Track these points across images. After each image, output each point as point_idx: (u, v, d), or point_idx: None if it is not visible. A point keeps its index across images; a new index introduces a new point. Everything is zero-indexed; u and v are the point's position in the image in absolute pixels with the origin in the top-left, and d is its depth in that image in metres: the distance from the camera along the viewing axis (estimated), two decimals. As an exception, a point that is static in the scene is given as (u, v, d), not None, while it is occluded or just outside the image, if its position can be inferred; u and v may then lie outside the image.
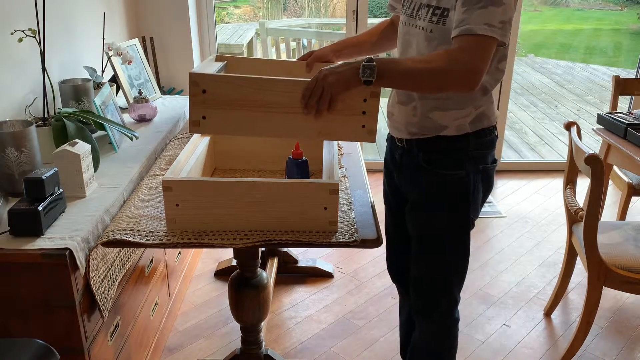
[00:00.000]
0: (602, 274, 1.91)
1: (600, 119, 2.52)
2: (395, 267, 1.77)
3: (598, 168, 1.78)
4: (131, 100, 2.33)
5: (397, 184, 1.59)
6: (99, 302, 1.46)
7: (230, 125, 1.33)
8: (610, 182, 2.93)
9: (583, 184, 2.28)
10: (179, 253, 2.34)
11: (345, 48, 1.74)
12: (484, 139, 1.44)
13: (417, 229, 1.54)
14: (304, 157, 1.57)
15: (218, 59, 2.37)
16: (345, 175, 1.78)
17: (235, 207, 1.41)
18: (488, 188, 1.51)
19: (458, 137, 1.42)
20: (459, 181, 1.44)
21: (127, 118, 2.29)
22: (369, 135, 1.36)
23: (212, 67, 1.75)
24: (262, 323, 1.85)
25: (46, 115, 1.85)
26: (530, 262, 2.76)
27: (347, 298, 2.47)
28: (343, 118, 1.35)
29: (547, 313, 2.36)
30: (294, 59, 1.76)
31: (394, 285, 1.85)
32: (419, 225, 1.52)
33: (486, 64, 1.26)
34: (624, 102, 3.94)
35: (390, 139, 1.60)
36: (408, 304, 1.80)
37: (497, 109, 3.67)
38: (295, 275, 2.61)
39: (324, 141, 1.71)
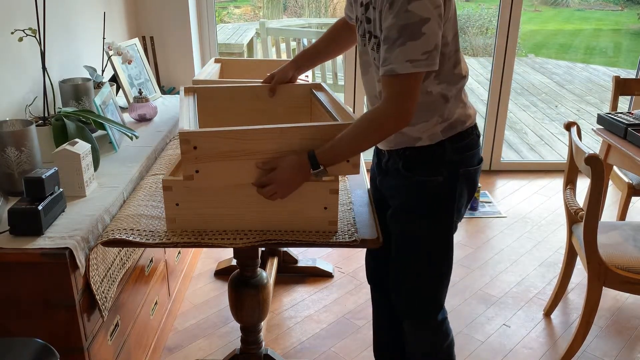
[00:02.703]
0: (602, 274, 1.91)
1: (600, 119, 2.52)
2: (372, 269, 1.78)
3: (598, 168, 1.78)
4: (131, 100, 2.33)
5: (380, 188, 1.60)
6: (99, 302, 1.46)
7: (223, 175, 1.36)
8: (610, 182, 2.93)
9: (583, 184, 2.28)
10: (179, 253, 2.34)
11: (305, 62, 1.76)
12: (461, 143, 1.45)
13: (398, 235, 1.54)
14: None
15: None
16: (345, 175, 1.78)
17: (235, 207, 1.41)
18: (471, 190, 1.51)
19: (433, 145, 1.43)
20: (438, 186, 1.45)
21: (127, 118, 2.29)
22: (353, 168, 1.41)
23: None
24: (262, 323, 1.85)
25: (46, 115, 1.85)
26: (530, 262, 2.76)
27: (347, 298, 2.47)
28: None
29: (547, 313, 2.36)
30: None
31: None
32: (400, 230, 1.53)
33: (414, 99, 1.30)
34: (624, 103, 3.94)
35: (375, 146, 1.61)
36: (385, 305, 1.80)
37: (498, 109, 3.67)
38: (295, 275, 2.61)
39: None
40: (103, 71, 2.40)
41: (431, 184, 1.44)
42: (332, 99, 1.66)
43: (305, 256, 2.70)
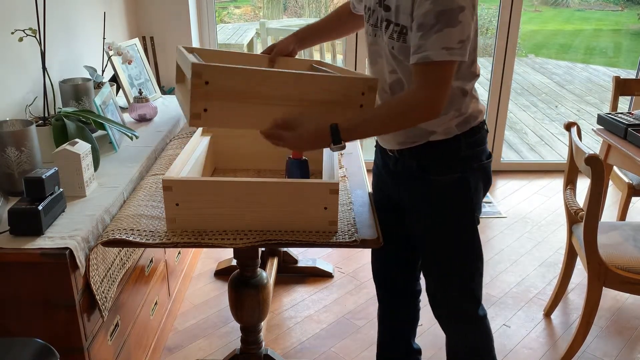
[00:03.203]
0: (602, 275, 1.91)
1: (601, 120, 2.52)
2: (382, 271, 1.78)
3: (598, 168, 1.78)
4: (131, 100, 2.33)
5: (391, 191, 1.58)
6: (99, 302, 1.46)
7: (232, 118, 1.32)
8: (611, 182, 2.93)
9: (583, 185, 2.28)
10: (179, 253, 2.34)
11: (307, 37, 1.73)
12: (475, 138, 1.44)
13: (423, 239, 1.53)
14: (304, 157, 1.57)
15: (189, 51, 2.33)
16: (345, 175, 1.78)
17: (235, 207, 1.41)
18: (487, 184, 1.51)
19: (448, 140, 1.42)
20: (456, 184, 1.44)
21: (127, 118, 2.29)
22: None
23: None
24: (262, 323, 1.85)
25: (46, 115, 1.85)
26: (530, 262, 2.76)
27: (347, 298, 2.47)
28: (342, 110, 1.38)
29: (547, 313, 2.36)
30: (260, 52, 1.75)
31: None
32: (425, 234, 1.52)
33: (447, 89, 1.28)
34: (624, 103, 3.94)
35: (379, 147, 1.59)
36: (395, 309, 1.80)
37: (498, 109, 3.67)
38: (295, 275, 2.61)
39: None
40: (103, 71, 2.40)
41: (449, 182, 1.43)
42: (339, 68, 1.64)
43: (305, 256, 2.70)
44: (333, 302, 2.44)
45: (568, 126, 2.11)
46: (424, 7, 1.23)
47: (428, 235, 1.52)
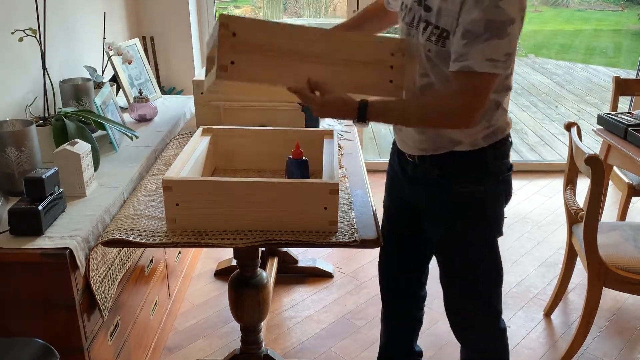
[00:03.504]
0: (602, 275, 1.91)
1: (601, 120, 2.52)
2: (388, 274, 1.77)
3: (598, 168, 1.78)
4: (131, 100, 2.33)
5: (407, 194, 1.55)
6: (99, 302, 1.46)
7: (259, 72, 1.29)
8: (611, 182, 2.93)
9: (583, 185, 2.28)
10: (179, 253, 2.34)
11: None
12: (499, 150, 1.40)
13: (440, 246, 1.52)
14: (304, 157, 1.57)
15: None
16: (345, 175, 1.78)
17: (235, 207, 1.41)
18: (508, 196, 1.47)
19: (474, 151, 1.37)
20: (477, 196, 1.40)
21: (128, 118, 2.29)
22: (396, 90, 1.35)
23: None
24: (262, 323, 1.85)
25: (46, 115, 1.85)
26: (530, 262, 2.76)
27: (347, 298, 2.47)
28: (372, 72, 1.34)
29: (547, 313, 2.36)
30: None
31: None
32: (443, 241, 1.50)
33: (486, 101, 1.23)
34: (624, 103, 3.93)
35: (397, 150, 1.55)
36: (399, 312, 1.80)
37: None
38: (295, 275, 2.61)
39: (324, 141, 1.71)
40: (103, 71, 2.40)
41: (470, 193, 1.40)
42: None
43: (305, 256, 2.70)
44: (333, 302, 2.44)
45: (568, 126, 2.11)
46: (473, 13, 1.18)
47: (445, 244, 1.50)
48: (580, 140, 2.01)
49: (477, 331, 1.57)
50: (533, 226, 3.13)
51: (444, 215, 1.46)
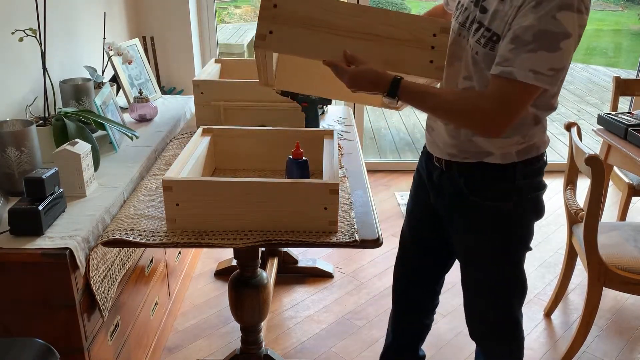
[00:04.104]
0: (602, 275, 1.91)
1: (601, 120, 2.52)
2: (403, 284, 1.75)
3: (598, 169, 1.78)
4: (131, 100, 2.33)
5: (430, 200, 1.53)
6: (99, 302, 1.46)
7: (297, 44, 1.31)
8: (611, 182, 2.93)
9: (583, 185, 2.28)
10: (179, 253, 2.34)
11: None
12: (532, 168, 1.36)
13: (464, 256, 1.50)
14: (304, 157, 1.57)
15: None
16: (345, 175, 1.78)
17: (235, 207, 1.41)
18: (539, 213, 1.43)
19: (504, 165, 1.33)
20: (506, 212, 1.37)
21: (128, 118, 2.29)
22: (436, 71, 1.34)
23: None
24: (262, 323, 1.85)
25: (46, 115, 1.85)
26: (530, 262, 2.76)
27: (347, 298, 2.47)
28: (411, 50, 1.33)
29: (547, 314, 2.36)
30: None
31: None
32: (466, 252, 1.49)
33: (518, 114, 1.19)
34: (624, 103, 3.94)
35: (426, 153, 1.53)
36: (408, 316, 1.78)
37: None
38: (295, 275, 2.61)
39: (324, 141, 1.71)
40: (103, 71, 2.40)
41: (498, 209, 1.37)
42: None
43: (305, 256, 2.70)
44: (333, 302, 2.44)
45: (568, 126, 2.11)
46: (527, 20, 1.14)
47: (468, 256, 1.48)
48: (581, 140, 2.01)
49: (497, 340, 1.57)
50: (533, 226, 3.12)
51: (467, 227, 1.44)
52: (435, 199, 1.51)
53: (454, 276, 1.70)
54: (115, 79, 2.41)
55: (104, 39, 2.46)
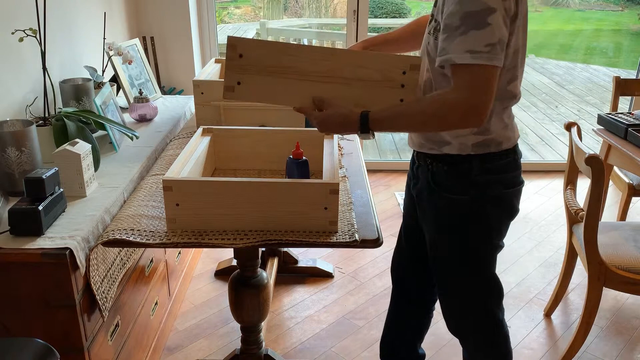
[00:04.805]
0: (602, 275, 1.91)
1: (601, 120, 2.52)
2: (399, 269, 1.76)
3: (598, 168, 1.78)
4: (132, 100, 2.33)
5: (413, 195, 1.56)
6: (99, 302, 1.46)
7: (265, 92, 1.31)
8: (611, 182, 2.93)
9: (583, 185, 2.28)
10: (179, 253, 2.34)
11: (374, 46, 1.67)
12: (492, 164, 1.35)
13: (430, 249, 1.51)
14: (304, 157, 1.57)
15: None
16: (345, 175, 1.78)
17: (235, 207, 1.41)
18: (509, 213, 1.43)
19: (460, 157, 1.35)
20: (464, 206, 1.38)
21: (128, 118, 2.29)
22: None
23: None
24: (262, 323, 1.85)
25: (47, 115, 1.85)
26: (530, 262, 2.76)
27: (347, 298, 2.47)
28: (381, 90, 1.34)
29: (547, 313, 2.36)
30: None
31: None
32: (431, 245, 1.50)
33: (487, 94, 1.18)
34: (624, 103, 3.94)
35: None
36: (405, 310, 1.79)
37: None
38: (295, 275, 2.61)
39: (324, 141, 1.71)
40: (103, 71, 2.40)
41: (457, 202, 1.38)
42: None
43: (305, 256, 2.70)
44: (333, 302, 2.44)
45: (568, 126, 2.11)
46: (450, 7, 1.18)
47: (433, 251, 1.49)
48: (581, 140, 2.01)
49: (477, 338, 1.57)
50: (533, 226, 3.13)
51: (431, 220, 1.46)
52: (413, 189, 1.54)
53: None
54: (115, 79, 2.41)
55: (104, 39, 2.46)
